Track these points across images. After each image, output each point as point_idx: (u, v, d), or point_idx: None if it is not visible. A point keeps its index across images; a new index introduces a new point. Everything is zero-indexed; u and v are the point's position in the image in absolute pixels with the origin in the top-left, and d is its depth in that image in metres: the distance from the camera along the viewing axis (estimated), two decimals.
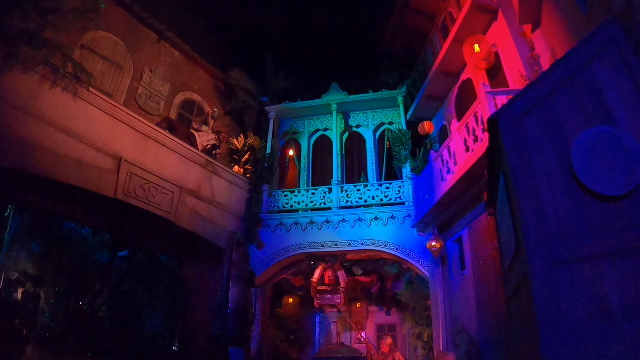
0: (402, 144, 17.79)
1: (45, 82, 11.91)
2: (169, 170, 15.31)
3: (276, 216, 18.38)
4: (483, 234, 12.91)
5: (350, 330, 22.50)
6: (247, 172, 19.05)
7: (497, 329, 11.42)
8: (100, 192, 12.96)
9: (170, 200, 15.04)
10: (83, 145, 12.70)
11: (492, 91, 11.45)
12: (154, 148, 14.97)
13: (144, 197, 14.21)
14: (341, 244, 17.35)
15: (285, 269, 18.71)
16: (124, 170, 13.72)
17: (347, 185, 18.36)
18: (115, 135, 13.77)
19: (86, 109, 12.96)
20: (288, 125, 21.22)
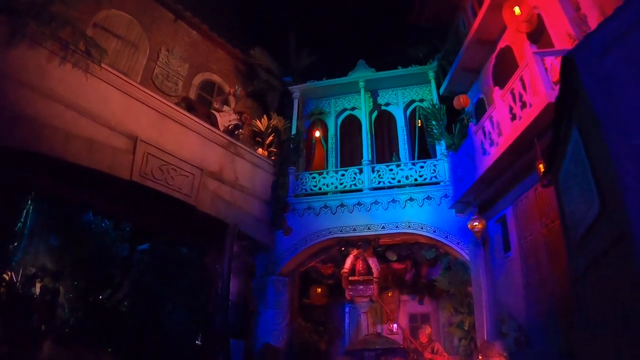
0: (437, 119, 16.78)
1: (54, 58, 11.27)
2: (189, 151, 14.44)
3: (304, 200, 17.42)
4: (530, 212, 11.85)
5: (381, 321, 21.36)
6: (271, 154, 18.16)
7: (549, 314, 10.46)
8: (114, 173, 12.18)
9: (191, 182, 14.19)
10: (95, 124, 11.99)
11: (540, 51, 10.33)
12: (172, 128, 14.13)
13: (162, 179, 13.36)
14: (374, 227, 16.36)
15: (314, 255, 17.71)
16: (140, 150, 12.90)
17: (378, 165, 17.33)
18: (130, 113, 12.97)
19: (98, 86, 12.24)
20: (313, 105, 20.26)
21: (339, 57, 20.55)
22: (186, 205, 14.13)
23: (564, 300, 9.76)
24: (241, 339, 15.24)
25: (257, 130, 18.73)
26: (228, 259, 14.28)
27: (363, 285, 17.54)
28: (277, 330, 16.33)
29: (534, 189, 11.55)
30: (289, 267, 17.16)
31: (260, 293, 16.77)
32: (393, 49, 20.37)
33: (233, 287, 15.04)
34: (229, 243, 14.24)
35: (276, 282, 16.79)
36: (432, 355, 15.16)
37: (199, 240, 17.06)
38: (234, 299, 15.18)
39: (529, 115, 10.26)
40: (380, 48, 20.88)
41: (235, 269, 15.06)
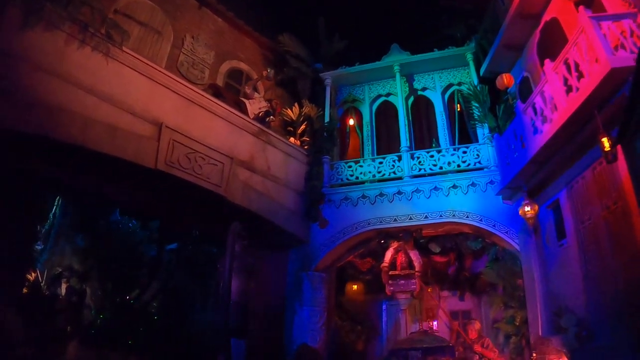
0: (479, 101, 15.73)
1: (73, 41, 10.71)
2: (217, 139, 13.65)
3: (340, 190, 16.40)
4: (588, 193, 10.72)
5: (420, 318, 20.08)
6: (304, 144, 17.24)
7: (615, 307, 9.50)
8: (138, 162, 11.45)
9: (220, 172, 13.40)
10: (117, 109, 11.32)
11: (596, 16, 9.31)
12: (199, 114, 13.40)
13: (189, 168, 12.59)
14: (416, 218, 15.29)
15: (352, 249, 16.66)
16: (166, 137, 12.17)
17: (418, 152, 16.23)
18: (155, 99, 12.27)
19: (120, 71, 11.58)
20: (346, 93, 19.21)
21: (370, 42, 19.48)
22: (215, 196, 13.34)
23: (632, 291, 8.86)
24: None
25: (288, 119, 17.81)
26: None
27: (404, 279, 16.36)
28: (314, 330, 15.41)
29: (591, 168, 10.53)
30: (326, 262, 16.20)
31: (295, 290, 15.92)
32: (427, 31, 19.16)
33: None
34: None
35: (312, 277, 15.83)
36: (483, 350, 14.10)
37: None
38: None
39: (587, 86, 9.27)
40: (414, 30, 19.60)
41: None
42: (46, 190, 14.71)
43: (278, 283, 16.21)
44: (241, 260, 14.60)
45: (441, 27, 18.79)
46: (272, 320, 15.70)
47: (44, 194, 15.23)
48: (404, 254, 16.27)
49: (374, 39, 19.70)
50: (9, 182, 11.79)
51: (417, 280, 16.23)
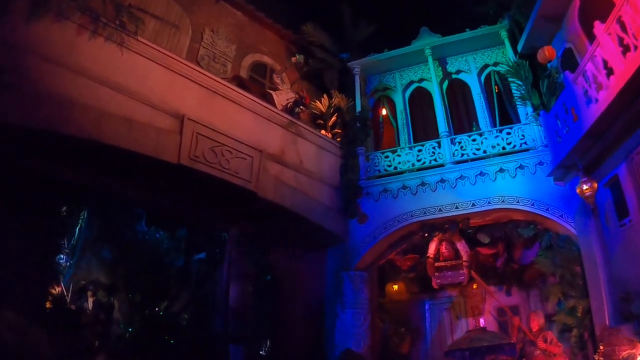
0: (521, 78, 14.51)
1: (84, 32, 10.12)
2: (245, 132, 12.78)
3: (378, 182, 15.33)
4: None
5: (465, 316, 19.20)
6: (335, 136, 16.24)
7: None
8: (159, 156, 10.75)
9: (249, 166, 12.50)
10: (134, 101, 10.65)
11: None
12: (223, 106, 12.54)
13: (215, 163, 11.77)
14: (462, 206, 14.19)
15: (394, 245, 15.56)
16: (188, 130, 11.36)
17: (459, 136, 15.14)
18: (175, 90, 11.49)
19: (136, 61, 10.89)
20: (376, 81, 18.10)
21: (397, 27, 18.36)
22: (245, 193, 12.52)
23: None
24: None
25: (317, 112, 16.74)
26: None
27: (451, 271, 15.41)
28: (358, 334, 14.33)
29: None
30: (366, 261, 15.13)
31: (335, 292, 14.85)
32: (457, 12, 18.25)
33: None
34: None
35: (353, 277, 14.74)
36: (547, 346, 12.97)
37: (262, 235, 15.45)
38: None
39: None
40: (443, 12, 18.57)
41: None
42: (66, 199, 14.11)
43: (316, 285, 15.25)
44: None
45: (471, 6, 17.82)
46: (311, 325, 14.86)
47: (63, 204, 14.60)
48: (450, 244, 15.29)
49: (401, 23, 18.60)
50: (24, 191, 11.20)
51: (465, 271, 15.25)
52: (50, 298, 13.62)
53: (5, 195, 10.67)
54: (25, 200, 11.30)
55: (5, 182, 10.45)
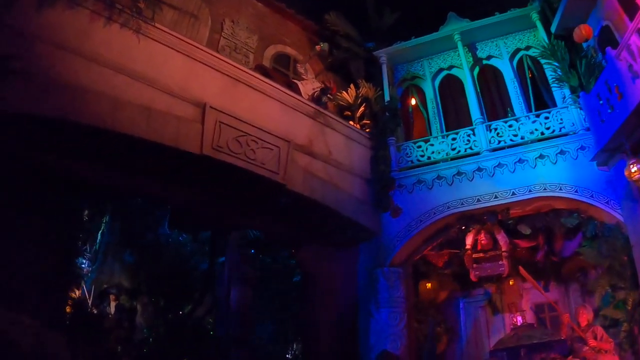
0: (559, 59, 13.75)
1: (98, 19, 9.62)
2: (270, 122, 12.10)
3: (411, 173, 14.54)
4: None
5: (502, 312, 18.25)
6: (364, 127, 15.50)
7: None
8: (180, 147, 10.14)
9: (276, 157, 11.80)
10: (152, 89, 10.08)
11: None
12: (247, 94, 11.85)
13: (240, 153, 11.09)
14: (502, 195, 13.36)
15: (430, 239, 14.78)
16: (211, 118, 10.73)
17: (495, 122, 14.36)
18: (195, 78, 10.90)
19: (153, 48, 10.35)
20: (404, 71, 17.39)
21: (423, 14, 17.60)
22: (273, 185, 11.83)
23: None
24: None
25: (344, 103, 16.04)
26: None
27: (490, 262, 14.66)
28: (394, 334, 13.45)
29: None
30: (401, 256, 14.30)
31: (369, 290, 14.05)
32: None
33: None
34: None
35: (388, 274, 13.88)
36: (598, 343, 12.13)
37: (291, 231, 14.62)
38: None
39: None
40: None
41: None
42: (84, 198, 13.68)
43: (348, 284, 14.45)
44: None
45: None
46: (343, 326, 14.03)
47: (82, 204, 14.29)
48: (488, 234, 14.55)
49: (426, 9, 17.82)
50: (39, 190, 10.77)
51: (505, 262, 14.51)
52: (70, 302, 13.37)
53: (20, 196, 10.23)
54: (40, 201, 10.85)
55: (20, 181, 10.05)
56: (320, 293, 14.30)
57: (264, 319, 18.87)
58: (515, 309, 17.58)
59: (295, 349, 19.55)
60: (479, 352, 17.43)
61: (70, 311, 13.24)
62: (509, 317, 17.62)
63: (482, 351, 17.34)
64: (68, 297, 13.24)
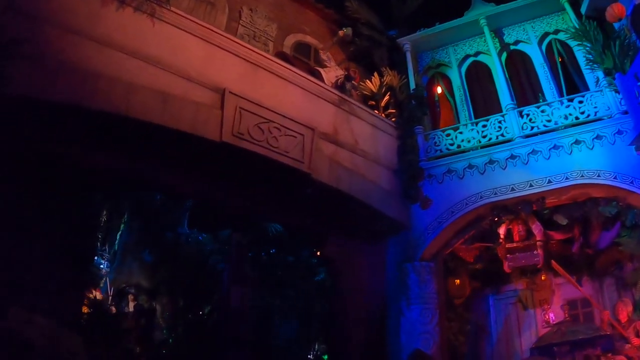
0: (591, 40, 13.15)
1: (110, 2, 9.30)
2: (293, 108, 11.58)
3: (440, 162, 13.94)
4: None
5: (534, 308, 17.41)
6: (389, 117, 14.91)
7: None
8: (198, 133, 9.75)
9: (300, 145, 11.30)
10: (167, 74, 9.71)
11: None
12: (268, 81, 11.39)
13: (262, 140, 10.63)
14: (537, 184, 12.67)
15: (461, 232, 14.08)
16: (230, 104, 10.29)
17: (527, 108, 13.69)
18: (213, 63, 10.51)
19: (169, 33, 10.00)
20: (428, 58, 16.77)
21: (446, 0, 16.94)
22: (297, 174, 11.32)
23: None
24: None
25: (368, 92, 15.45)
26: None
27: (524, 252, 14.20)
28: (427, 333, 12.81)
29: None
30: (432, 250, 13.65)
31: (398, 286, 13.40)
32: None
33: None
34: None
35: (419, 269, 13.22)
36: None
37: (316, 224, 13.98)
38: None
39: None
40: None
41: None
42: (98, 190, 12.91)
43: (376, 280, 13.85)
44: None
45: None
46: (371, 324, 13.42)
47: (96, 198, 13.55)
48: (522, 223, 14.05)
49: None
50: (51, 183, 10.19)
51: (540, 251, 14.05)
52: (87, 302, 13.09)
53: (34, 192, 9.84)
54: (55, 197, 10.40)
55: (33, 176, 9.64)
56: (348, 290, 13.72)
57: (286, 319, 18.37)
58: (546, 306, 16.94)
59: (317, 349, 19.19)
60: (509, 351, 16.73)
61: (87, 311, 12.94)
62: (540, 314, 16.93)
63: (513, 350, 16.67)
64: (85, 297, 12.88)
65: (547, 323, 16.35)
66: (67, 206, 10.86)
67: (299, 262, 18.68)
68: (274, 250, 18.76)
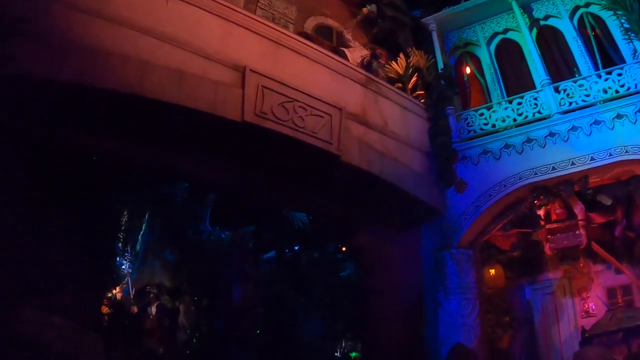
0: (626, 8, 12.48)
1: None
2: (319, 88, 10.88)
3: (475, 143, 13.26)
4: None
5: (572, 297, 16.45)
6: (418, 98, 14.21)
7: None
8: (217, 113, 9.10)
9: (328, 125, 10.58)
10: (184, 52, 9.09)
11: None
12: (291, 59, 10.71)
13: (288, 120, 9.94)
14: (580, 162, 11.94)
15: (498, 217, 13.38)
16: (252, 82, 9.62)
17: (563, 83, 12.89)
18: (232, 42, 9.88)
19: (184, 10, 9.36)
20: (455, 38, 16.08)
21: None
22: (326, 157, 10.64)
23: None
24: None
25: (394, 75, 14.63)
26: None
27: (565, 232, 13.44)
28: (467, 325, 12.17)
29: None
30: (469, 237, 12.93)
31: (435, 276, 12.71)
32: None
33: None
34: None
35: (457, 256, 12.54)
36: None
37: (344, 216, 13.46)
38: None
39: None
40: None
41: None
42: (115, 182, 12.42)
43: (411, 271, 13.15)
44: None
45: None
46: (407, 318, 12.77)
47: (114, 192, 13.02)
48: (561, 205, 13.37)
49: None
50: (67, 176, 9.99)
51: (583, 231, 13.32)
52: (108, 303, 12.93)
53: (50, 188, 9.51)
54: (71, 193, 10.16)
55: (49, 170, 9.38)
56: (380, 282, 13.16)
57: (313, 317, 18.17)
58: (585, 293, 16.13)
59: (344, 346, 19.05)
60: (548, 343, 15.91)
61: (109, 312, 12.66)
62: (579, 303, 16.21)
63: (551, 342, 15.88)
64: (104, 297, 12.76)
65: (587, 313, 15.70)
66: (85, 203, 10.60)
67: (325, 258, 18.47)
68: (298, 247, 18.62)
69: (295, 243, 18.55)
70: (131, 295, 14.72)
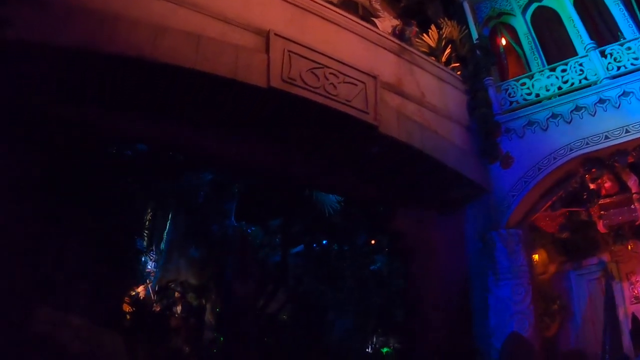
0: None
1: None
2: (350, 56, 9.98)
3: (518, 114, 12.36)
4: None
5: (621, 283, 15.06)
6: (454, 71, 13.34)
7: None
8: (239, 79, 8.21)
9: (363, 94, 9.62)
10: (201, 15, 8.35)
11: None
12: (319, 26, 9.90)
13: (319, 87, 9.02)
14: (635, 129, 10.91)
15: (548, 194, 12.37)
16: (277, 47, 8.81)
17: (609, 47, 11.96)
18: (254, 7, 9.10)
19: None
20: (487, 8, 15.02)
21: None
22: (362, 127, 9.75)
23: None
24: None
25: (426, 49, 13.73)
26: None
27: (619, 207, 12.50)
28: (521, 312, 11.16)
29: None
30: (517, 216, 11.97)
31: (483, 259, 11.75)
32: None
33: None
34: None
35: (507, 237, 11.52)
36: None
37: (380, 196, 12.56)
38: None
39: None
40: None
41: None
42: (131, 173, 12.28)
43: (455, 255, 12.23)
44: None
45: None
46: (452, 306, 11.87)
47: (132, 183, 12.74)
48: (612, 176, 12.33)
49: None
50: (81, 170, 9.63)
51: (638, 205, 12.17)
52: (130, 301, 12.50)
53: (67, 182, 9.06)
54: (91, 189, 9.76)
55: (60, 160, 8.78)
56: (423, 269, 12.22)
57: (343, 312, 17.99)
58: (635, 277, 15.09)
59: (376, 342, 18.89)
60: (596, 331, 14.83)
61: (131, 310, 12.42)
62: (628, 288, 15.11)
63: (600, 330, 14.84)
64: (125, 295, 12.24)
65: (637, 298, 14.69)
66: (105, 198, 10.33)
67: (355, 251, 18.12)
68: (325, 242, 18.31)
69: (324, 236, 17.99)
70: (153, 294, 14.32)
